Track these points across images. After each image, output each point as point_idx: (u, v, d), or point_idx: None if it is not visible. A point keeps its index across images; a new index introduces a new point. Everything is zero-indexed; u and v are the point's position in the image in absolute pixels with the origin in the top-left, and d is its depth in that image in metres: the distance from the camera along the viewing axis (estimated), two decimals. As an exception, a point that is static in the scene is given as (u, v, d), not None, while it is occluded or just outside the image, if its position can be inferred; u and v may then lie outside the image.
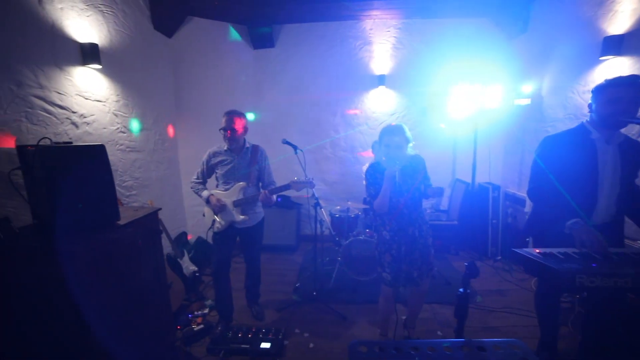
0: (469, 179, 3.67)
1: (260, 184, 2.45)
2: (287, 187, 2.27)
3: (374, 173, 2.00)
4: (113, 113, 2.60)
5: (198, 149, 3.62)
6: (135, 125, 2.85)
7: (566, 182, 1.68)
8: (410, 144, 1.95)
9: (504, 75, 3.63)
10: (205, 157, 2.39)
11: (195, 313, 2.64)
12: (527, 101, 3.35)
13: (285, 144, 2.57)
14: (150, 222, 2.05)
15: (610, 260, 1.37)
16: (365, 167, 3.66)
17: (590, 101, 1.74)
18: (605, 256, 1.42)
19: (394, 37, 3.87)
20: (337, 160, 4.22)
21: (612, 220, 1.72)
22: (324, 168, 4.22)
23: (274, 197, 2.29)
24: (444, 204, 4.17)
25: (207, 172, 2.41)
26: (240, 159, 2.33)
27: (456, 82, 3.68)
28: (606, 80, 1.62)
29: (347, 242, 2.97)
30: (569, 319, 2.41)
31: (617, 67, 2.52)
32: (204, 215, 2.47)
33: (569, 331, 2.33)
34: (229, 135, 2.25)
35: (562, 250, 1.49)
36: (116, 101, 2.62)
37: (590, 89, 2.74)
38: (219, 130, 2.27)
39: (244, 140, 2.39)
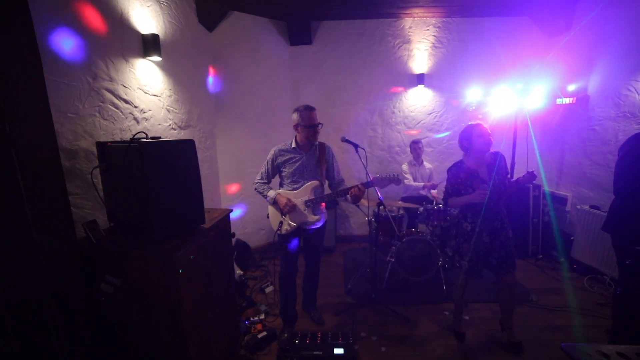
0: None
1: (328, 183, 2.36)
2: (370, 184, 2.17)
3: (458, 172, 2.09)
4: (166, 109, 2.47)
5: (236, 147, 3.55)
6: (183, 122, 2.72)
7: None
8: None
9: (546, 74, 3.65)
10: (270, 155, 2.28)
11: (252, 319, 2.53)
12: (570, 100, 3.36)
13: (345, 142, 2.46)
14: (224, 225, 1.95)
15: None
16: (405, 167, 3.63)
17: None
18: None
19: (433, 35, 3.85)
20: (374, 160, 4.15)
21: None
22: (361, 167, 4.14)
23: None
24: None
25: (272, 171, 2.31)
26: (309, 156, 2.23)
27: (496, 81, 3.68)
28: None
29: (402, 241, 2.90)
30: None
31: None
32: (267, 216, 2.36)
33: None
34: (319, 130, 2.16)
35: None
36: (169, 96, 2.50)
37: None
38: (303, 126, 2.13)
39: None
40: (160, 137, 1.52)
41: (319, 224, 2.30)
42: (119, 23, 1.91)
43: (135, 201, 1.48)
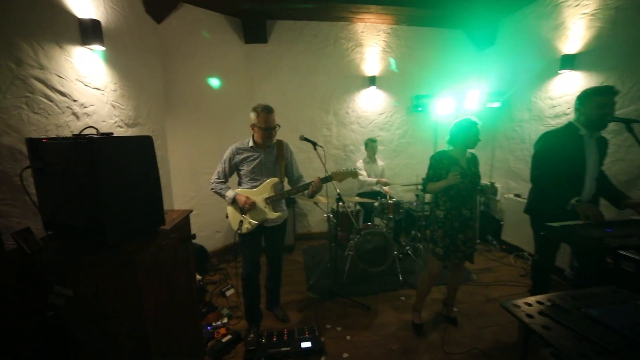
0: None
1: (287, 180, 2.38)
2: (329, 178, 2.24)
3: (441, 159, 2.19)
4: (111, 104, 2.25)
5: (189, 147, 3.36)
6: (131, 119, 2.50)
7: (562, 169, 2.05)
8: None
9: (478, 81, 4.14)
10: (227, 154, 2.22)
11: (215, 324, 2.44)
12: (497, 104, 3.88)
13: (303, 140, 2.52)
14: (185, 226, 1.86)
15: (614, 227, 1.72)
16: (359, 164, 3.81)
17: (575, 105, 2.11)
18: (608, 224, 1.77)
19: (384, 41, 4.10)
20: (330, 158, 4.27)
21: (592, 198, 2.13)
22: (317, 166, 4.22)
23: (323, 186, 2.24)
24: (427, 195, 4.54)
25: (230, 170, 2.25)
26: (268, 154, 2.23)
27: (439, 85, 4.07)
28: (592, 89, 2.02)
29: (360, 234, 3.04)
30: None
31: (572, 79, 3.10)
32: (227, 216, 2.30)
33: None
34: (273, 134, 2.15)
35: (571, 222, 1.81)
36: (114, 91, 2.28)
37: (550, 96, 3.36)
38: (258, 128, 2.11)
39: None
40: (112, 134, 1.40)
41: (279, 221, 2.31)
42: (48, 3, 1.69)
43: (83, 204, 1.33)
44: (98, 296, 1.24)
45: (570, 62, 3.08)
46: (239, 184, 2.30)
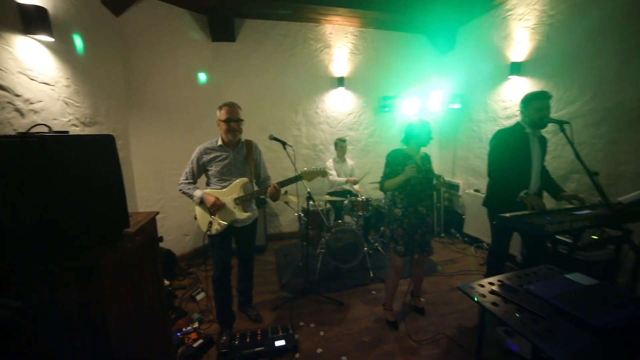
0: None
1: (255, 180, 2.37)
2: (298, 177, 2.26)
3: (397, 156, 2.26)
4: (64, 101, 2.10)
5: (153, 148, 3.22)
6: (88, 117, 2.35)
7: (512, 164, 2.26)
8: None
9: (440, 83, 4.39)
10: (195, 154, 2.17)
11: (185, 329, 2.36)
12: (457, 106, 4.14)
13: (273, 140, 2.53)
14: (151, 228, 1.79)
15: (553, 215, 1.93)
16: (329, 163, 3.88)
17: (520, 107, 2.33)
18: (548, 213, 1.98)
19: (351, 43, 4.21)
20: (299, 158, 4.29)
21: (537, 190, 2.38)
22: (287, 166, 4.23)
23: (282, 189, 2.25)
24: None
25: (198, 170, 2.20)
26: (236, 153, 2.21)
27: (404, 86, 4.26)
28: (533, 94, 2.25)
29: (331, 232, 3.10)
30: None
31: (518, 82, 3.40)
32: (195, 217, 2.24)
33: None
34: (234, 126, 2.11)
35: (519, 212, 2.01)
36: (66, 86, 2.13)
37: (502, 99, 3.66)
38: (221, 122, 2.10)
39: None
40: (67, 132, 1.32)
41: (249, 221, 2.29)
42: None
43: (35, 208, 1.24)
44: (54, 307, 1.16)
45: (517, 68, 3.37)
46: (208, 184, 2.25)
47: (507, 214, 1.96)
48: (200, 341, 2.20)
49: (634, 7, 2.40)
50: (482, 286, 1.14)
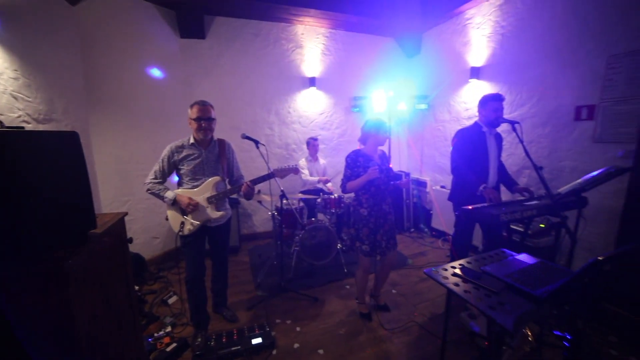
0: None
1: (227, 180, 2.36)
2: (270, 175, 2.28)
3: (357, 157, 2.30)
4: (11, 94, 1.95)
5: (118, 147, 3.07)
6: (42, 114, 2.19)
7: (472, 160, 2.47)
8: None
9: (408, 85, 4.59)
10: (166, 152, 2.12)
11: (157, 334, 2.29)
12: (424, 107, 4.37)
13: (245, 138, 2.53)
14: (119, 230, 1.73)
15: (508, 206, 2.14)
16: (302, 162, 3.93)
17: (477, 108, 2.55)
18: (503, 204, 2.19)
19: (323, 44, 4.28)
20: (272, 157, 4.29)
21: (496, 184, 2.60)
22: (260, 165, 4.22)
23: (256, 188, 2.26)
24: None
25: (169, 169, 2.15)
26: (209, 152, 2.19)
27: (374, 87, 4.41)
28: (489, 95, 2.46)
29: (305, 230, 3.15)
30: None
31: (478, 86, 3.68)
32: (167, 219, 2.19)
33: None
34: (204, 125, 2.09)
35: (480, 204, 2.19)
36: (14, 79, 1.98)
37: (464, 100, 3.92)
38: (192, 120, 2.07)
39: None
40: (23, 127, 1.25)
41: (223, 220, 2.28)
42: None
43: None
44: (17, 314, 1.10)
45: (476, 73, 3.64)
46: (179, 184, 2.20)
47: (470, 206, 2.14)
48: (174, 345, 2.16)
49: (567, 23, 2.71)
50: (446, 270, 1.26)
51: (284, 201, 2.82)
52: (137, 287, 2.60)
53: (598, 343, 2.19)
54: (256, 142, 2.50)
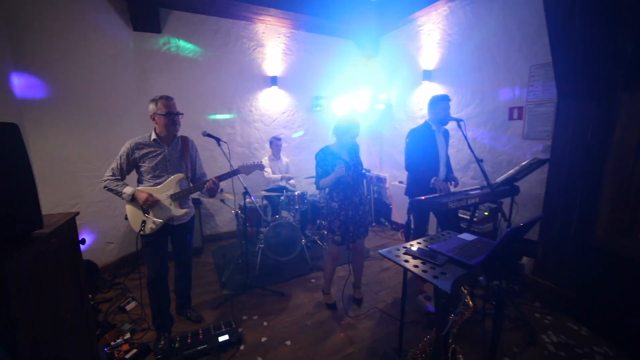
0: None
1: (190, 177, 2.32)
2: (235, 172, 2.28)
3: (325, 156, 2.39)
4: None
5: (62, 146, 2.84)
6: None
7: (424, 157, 2.70)
8: None
9: (367, 85, 4.82)
10: (124, 149, 2.04)
11: (113, 343, 2.17)
12: (382, 106, 4.62)
13: (206, 136, 2.51)
14: (70, 230, 1.64)
15: (455, 195, 2.39)
16: (264, 161, 3.95)
17: (427, 108, 2.79)
18: (451, 194, 2.44)
19: (284, 43, 4.33)
20: (234, 156, 4.24)
21: (445, 177, 2.86)
22: (222, 164, 4.15)
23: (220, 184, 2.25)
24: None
25: (128, 167, 2.06)
26: (172, 149, 2.14)
27: (335, 87, 4.56)
28: (438, 96, 2.71)
29: (269, 227, 3.18)
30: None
31: (430, 88, 3.99)
32: (126, 217, 2.10)
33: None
34: (177, 119, 2.07)
35: (431, 195, 2.42)
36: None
37: (418, 101, 4.22)
38: (161, 116, 2.01)
39: None
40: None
41: (187, 218, 2.24)
42: None
43: None
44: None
45: (428, 75, 3.95)
46: (140, 181, 2.12)
47: (423, 197, 2.34)
48: (134, 351, 2.07)
49: (499, 36, 3.08)
50: (398, 249, 1.40)
51: (248, 199, 2.83)
52: (89, 296, 2.43)
53: (527, 308, 2.54)
54: (217, 140, 2.49)
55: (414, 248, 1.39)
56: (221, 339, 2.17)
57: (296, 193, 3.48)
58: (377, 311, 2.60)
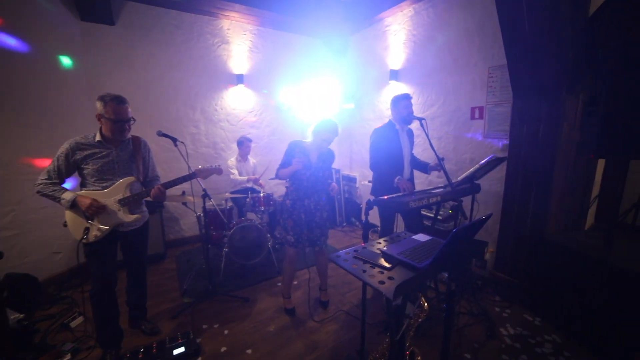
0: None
1: (142, 180, 2.16)
2: (192, 176, 2.15)
3: (294, 147, 2.35)
4: None
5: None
6: None
7: (388, 156, 2.70)
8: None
9: (336, 85, 4.79)
10: (63, 149, 1.84)
11: (52, 366, 1.98)
12: (351, 106, 4.61)
13: (162, 136, 2.37)
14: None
15: (417, 194, 2.40)
16: (231, 162, 3.82)
17: (390, 107, 2.80)
18: (414, 193, 2.45)
19: (250, 40, 4.20)
20: (199, 157, 4.06)
21: (410, 176, 2.89)
22: (185, 165, 3.96)
23: (180, 188, 2.11)
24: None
25: (68, 169, 1.86)
26: (121, 151, 1.97)
27: (303, 87, 4.49)
28: (399, 95, 2.73)
29: (232, 230, 3.06)
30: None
31: (397, 87, 4.03)
32: (65, 224, 1.91)
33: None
34: (126, 127, 1.90)
35: (394, 194, 2.42)
36: None
37: (386, 100, 4.25)
38: (108, 120, 1.83)
39: None
40: None
41: (139, 224, 2.09)
42: None
43: None
44: None
45: (395, 75, 3.99)
46: (83, 185, 1.93)
47: (385, 196, 2.33)
48: (76, 372, 1.89)
49: (460, 37, 3.15)
50: (348, 253, 1.36)
51: (209, 202, 2.71)
52: (21, 316, 2.19)
53: (488, 303, 2.62)
54: (174, 140, 2.37)
55: (362, 251, 1.36)
56: (176, 351, 2.04)
57: (261, 194, 3.37)
58: (342, 314, 2.56)
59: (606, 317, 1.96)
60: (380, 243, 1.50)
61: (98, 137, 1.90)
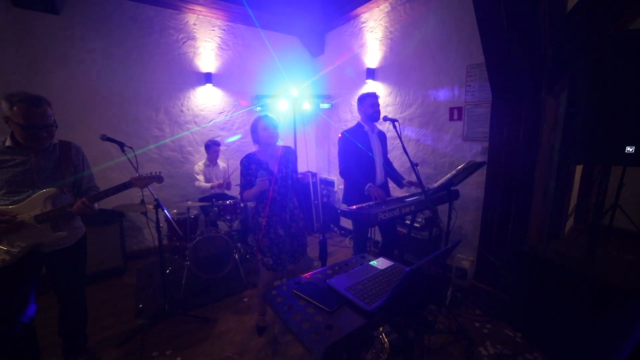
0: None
1: (75, 191, 1.88)
2: (127, 185, 1.88)
3: (249, 164, 2.06)
4: None
5: None
6: None
7: (358, 160, 2.50)
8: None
9: (313, 84, 4.57)
10: None
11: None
12: (328, 106, 4.40)
13: (106, 140, 2.09)
14: None
15: (389, 204, 2.21)
16: (198, 167, 3.54)
17: (358, 107, 2.63)
18: (385, 202, 2.26)
19: (219, 37, 3.92)
20: (164, 162, 3.77)
21: (383, 182, 2.69)
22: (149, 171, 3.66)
23: (96, 205, 1.80)
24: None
25: None
26: (42, 158, 1.69)
27: (278, 85, 4.25)
28: (365, 93, 2.56)
29: (193, 242, 2.80)
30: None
31: (373, 86, 3.84)
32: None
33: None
34: (43, 134, 1.61)
35: (365, 204, 2.22)
36: None
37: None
38: (16, 125, 1.55)
39: None
40: None
41: (68, 243, 1.80)
42: None
43: None
44: None
45: (372, 74, 3.79)
46: None
47: (354, 206, 2.12)
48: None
49: (438, 34, 2.99)
50: (288, 287, 1.13)
51: (171, 211, 2.45)
52: None
53: (468, 318, 2.44)
54: (121, 145, 2.10)
55: (304, 285, 1.12)
56: (113, 389, 1.78)
57: (227, 202, 3.11)
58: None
59: (588, 334, 1.80)
60: (321, 274, 1.27)
61: (8, 142, 1.61)
